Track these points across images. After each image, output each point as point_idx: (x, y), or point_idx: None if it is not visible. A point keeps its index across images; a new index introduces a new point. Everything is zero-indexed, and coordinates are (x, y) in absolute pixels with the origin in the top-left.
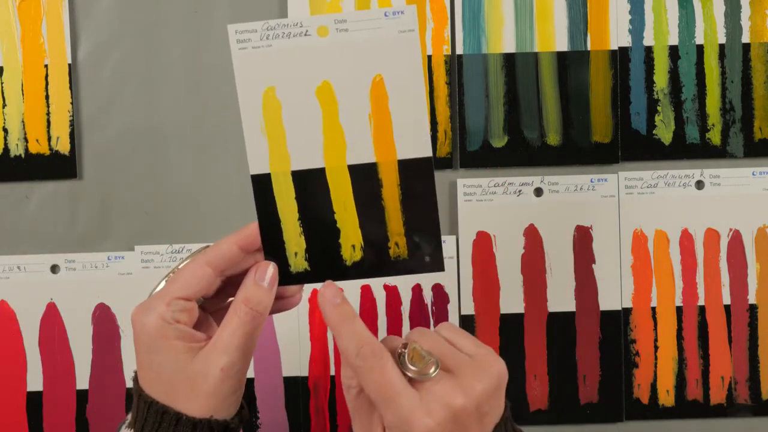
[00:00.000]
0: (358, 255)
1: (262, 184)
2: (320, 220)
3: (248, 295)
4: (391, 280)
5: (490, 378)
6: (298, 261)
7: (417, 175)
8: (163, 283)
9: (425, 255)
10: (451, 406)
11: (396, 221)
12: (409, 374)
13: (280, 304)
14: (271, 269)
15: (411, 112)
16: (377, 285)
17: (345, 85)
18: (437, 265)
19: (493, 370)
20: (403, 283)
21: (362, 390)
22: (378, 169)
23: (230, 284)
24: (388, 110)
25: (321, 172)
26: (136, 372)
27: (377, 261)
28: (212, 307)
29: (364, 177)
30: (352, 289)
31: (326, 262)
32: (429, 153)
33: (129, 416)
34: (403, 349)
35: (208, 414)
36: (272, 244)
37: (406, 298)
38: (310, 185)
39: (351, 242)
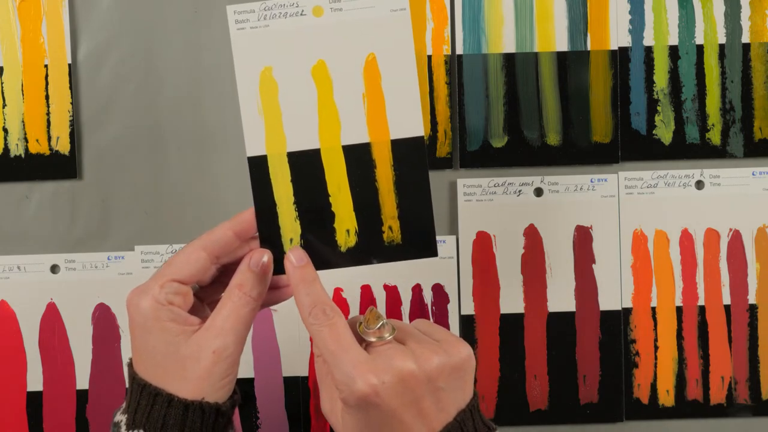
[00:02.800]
0: (352, 240)
1: (258, 167)
2: (315, 203)
3: (242, 280)
4: (391, 280)
5: (449, 356)
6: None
7: (409, 155)
8: None
9: (418, 240)
10: (399, 369)
11: (389, 204)
12: (366, 339)
13: (275, 295)
14: (265, 256)
15: (403, 91)
16: (377, 285)
17: (339, 64)
18: (430, 251)
19: (455, 351)
20: (403, 283)
21: None
22: (371, 149)
23: (226, 274)
24: (381, 89)
25: (316, 153)
26: (131, 359)
27: (371, 246)
28: (208, 298)
29: (358, 157)
30: (352, 288)
31: (321, 248)
32: (421, 132)
33: (124, 403)
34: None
35: (199, 396)
36: (268, 230)
37: (406, 298)
38: (306, 167)
39: (345, 227)
